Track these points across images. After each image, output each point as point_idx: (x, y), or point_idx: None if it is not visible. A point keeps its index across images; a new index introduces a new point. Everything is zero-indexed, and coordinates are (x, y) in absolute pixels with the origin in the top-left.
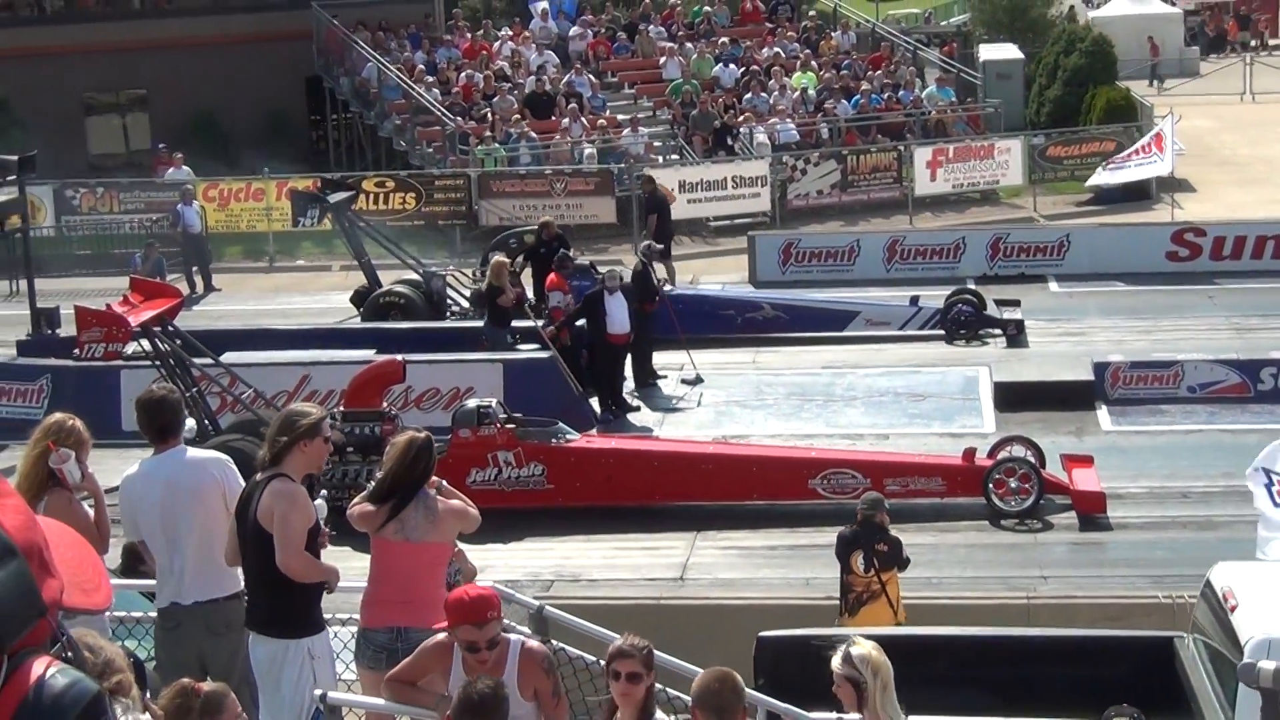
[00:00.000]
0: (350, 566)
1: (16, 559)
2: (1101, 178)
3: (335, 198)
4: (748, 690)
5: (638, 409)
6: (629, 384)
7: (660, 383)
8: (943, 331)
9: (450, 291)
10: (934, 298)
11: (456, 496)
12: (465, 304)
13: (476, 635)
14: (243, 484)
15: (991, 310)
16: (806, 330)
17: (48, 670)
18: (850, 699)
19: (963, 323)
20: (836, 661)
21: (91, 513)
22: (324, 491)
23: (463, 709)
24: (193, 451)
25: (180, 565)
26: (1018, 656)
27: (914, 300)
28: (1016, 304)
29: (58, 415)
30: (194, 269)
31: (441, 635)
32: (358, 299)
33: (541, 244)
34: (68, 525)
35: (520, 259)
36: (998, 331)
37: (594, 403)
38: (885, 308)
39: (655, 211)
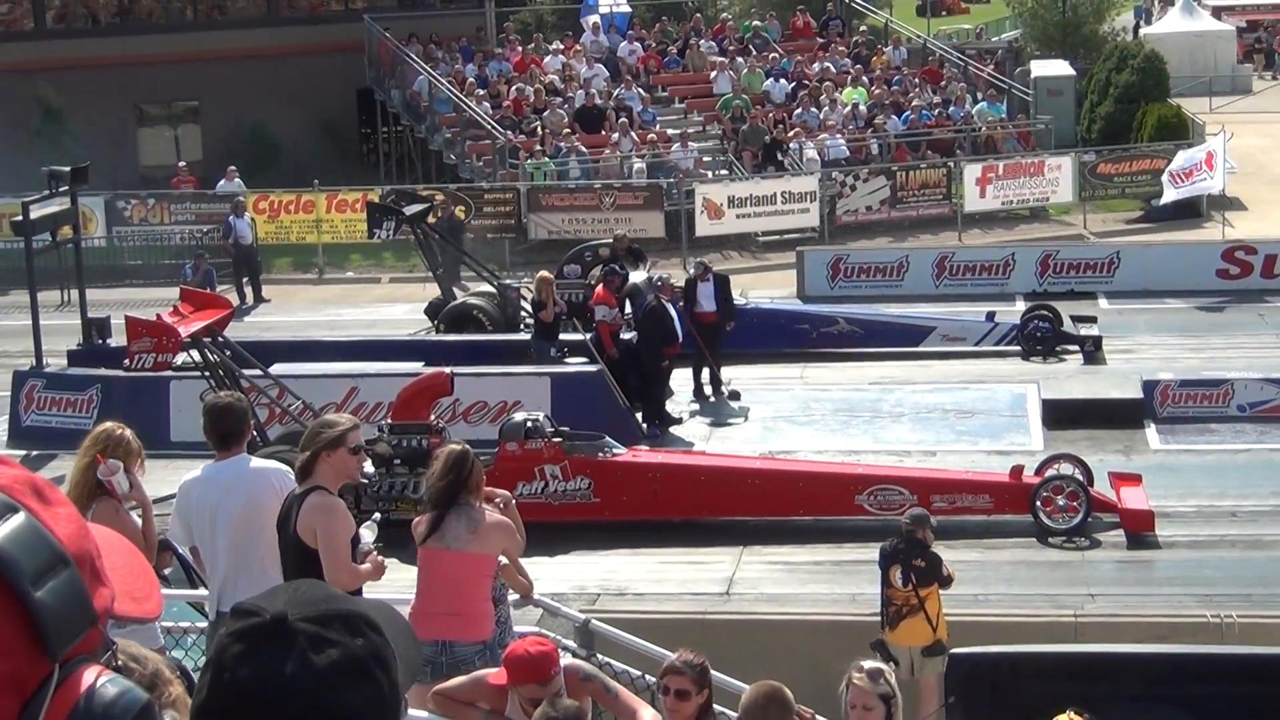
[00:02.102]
0: (398, 579)
1: (69, 568)
2: (1170, 194)
3: (411, 210)
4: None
5: (680, 421)
6: (689, 395)
7: (698, 397)
8: (1019, 347)
9: (525, 304)
10: (1010, 313)
11: (514, 516)
12: None
13: (541, 693)
14: None
15: (1068, 326)
16: (882, 345)
17: (98, 679)
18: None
19: (1039, 339)
20: (866, 682)
21: (140, 522)
22: (377, 515)
23: None
24: (255, 461)
25: (236, 573)
26: (1213, 674)
27: (990, 316)
28: (1093, 320)
29: (107, 424)
30: (244, 280)
31: (502, 677)
32: (432, 311)
33: (615, 258)
34: (123, 537)
35: (595, 271)
36: (1074, 348)
37: (639, 417)
38: (961, 323)
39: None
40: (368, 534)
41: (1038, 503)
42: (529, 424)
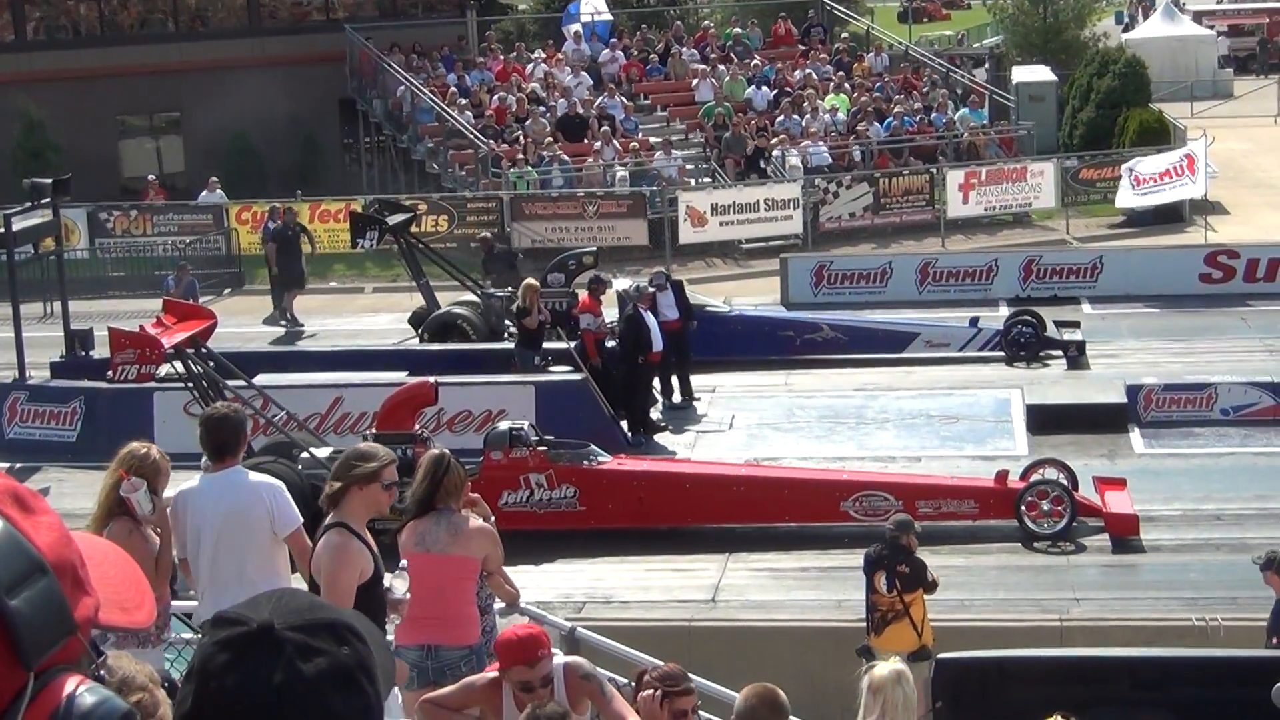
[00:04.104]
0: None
1: (47, 577)
2: (1129, 199)
3: (394, 219)
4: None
5: (665, 428)
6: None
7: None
8: (1003, 353)
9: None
10: (994, 319)
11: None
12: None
13: (530, 675)
14: (293, 509)
15: (1051, 331)
16: (865, 351)
17: (77, 688)
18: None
19: (1023, 344)
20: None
21: (157, 543)
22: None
23: None
24: (251, 475)
25: (225, 584)
26: (1199, 677)
27: (974, 321)
28: (1077, 325)
29: (135, 444)
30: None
31: (491, 674)
32: (416, 320)
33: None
34: (118, 547)
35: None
36: (1058, 353)
37: (624, 424)
38: (945, 329)
39: (276, 240)
40: (400, 584)
41: (1023, 507)
42: (514, 433)
